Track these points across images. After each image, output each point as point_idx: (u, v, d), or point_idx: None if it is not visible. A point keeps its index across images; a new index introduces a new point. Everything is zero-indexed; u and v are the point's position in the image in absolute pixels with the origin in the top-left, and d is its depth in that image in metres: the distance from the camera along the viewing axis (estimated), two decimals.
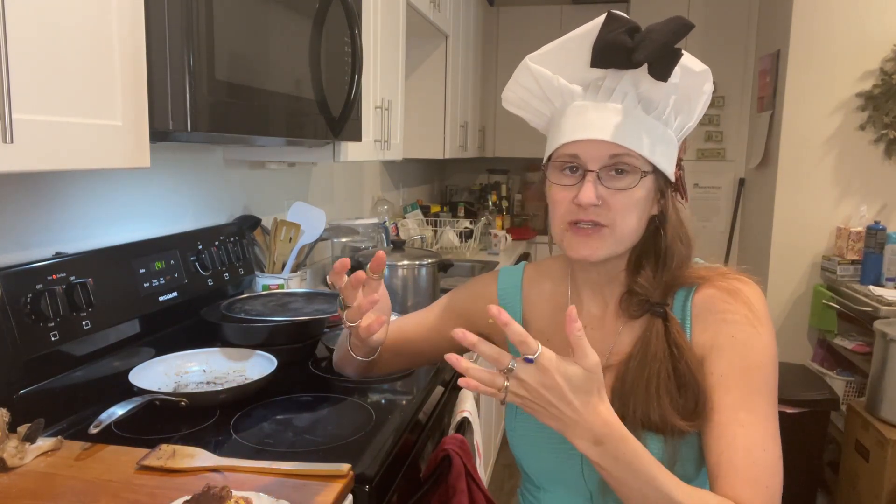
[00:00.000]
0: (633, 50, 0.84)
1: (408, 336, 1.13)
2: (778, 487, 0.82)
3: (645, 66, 0.84)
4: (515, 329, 0.73)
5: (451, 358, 0.75)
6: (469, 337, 0.75)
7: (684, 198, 0.93)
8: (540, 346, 0.73)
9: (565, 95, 0.90)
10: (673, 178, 0.90)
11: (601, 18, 0.86)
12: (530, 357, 0.73)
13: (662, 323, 0.90)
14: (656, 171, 0.88)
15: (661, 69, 0.83)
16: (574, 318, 0.73)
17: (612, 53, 0.85)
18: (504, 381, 0.75)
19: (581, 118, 0.87)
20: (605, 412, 0.75)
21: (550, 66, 0.90)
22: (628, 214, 0.87)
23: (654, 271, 0.92)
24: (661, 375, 0.87)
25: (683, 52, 0.84)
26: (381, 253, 0.93)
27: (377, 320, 0.93)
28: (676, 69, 0.83)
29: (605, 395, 0.76)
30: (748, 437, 0.82)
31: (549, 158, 0.92)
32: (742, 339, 0.86)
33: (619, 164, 0.86)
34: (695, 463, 0.90)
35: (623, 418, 0.89)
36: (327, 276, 0.97)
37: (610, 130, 0.85)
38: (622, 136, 0.85)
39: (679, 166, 0.92)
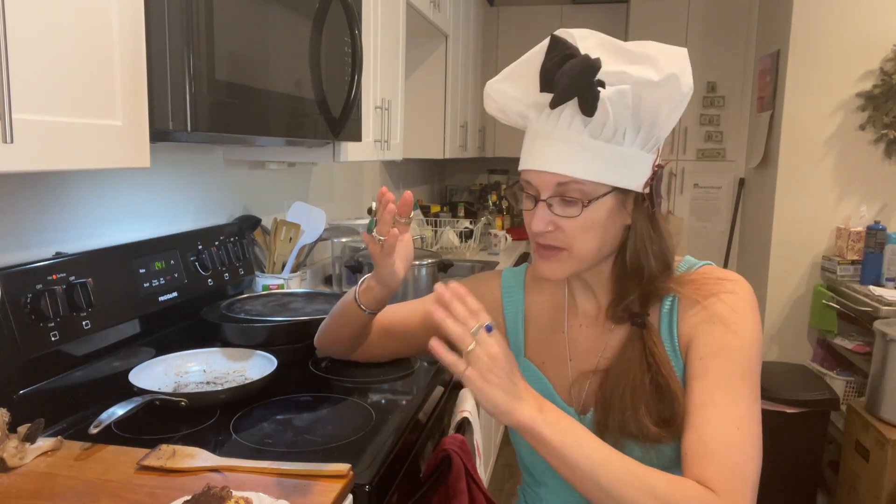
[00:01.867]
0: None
1: (403, 319, 1.17)
2: (750, 468, 0.79)
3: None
4: (472, 301, 0.82)
5: (434, 343, 0.81)
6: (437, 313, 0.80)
7: (654, 208, 0.90)
8: (490, 322, 0.81)
9: (522, 117, 0.92)
10: (641, 190, 0.88)
11: (545, 43, 0.86)
12: (489, 325, 0.80)
13: (641, 333, 0.91)
14: (619, 189, 0.87)
15: (584, 106, 0.82)
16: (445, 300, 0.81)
17: (549, 82, 0.85)
18: (471, 345, 0.79)
19: (530, 146, 0.90)
20: (535, 394, 0.83)
21: (512, 89, 0.92)
22: (585, 236, 0.88)
23: (636, 281, 0.92)
24: (638, 385, 0.88)
25: (605, 83, 0.82)
26: (408, 193, 0.98)
27: (400, 230, 1.02)
28: (625, 88, 0.81)
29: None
30: (723, 416, 0.82)
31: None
32: (723, 324, 0.87)
33: (565, 193, 0.86)
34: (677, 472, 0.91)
35: (605, 427, 0.90)
36: (372, 204, 1.03)
37: (554, 161, 0.86)
38: (565, 166, 0.85)
39: (655, 175, 0.89)
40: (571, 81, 0.82)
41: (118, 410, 1.03)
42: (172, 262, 1.45)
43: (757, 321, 0.89)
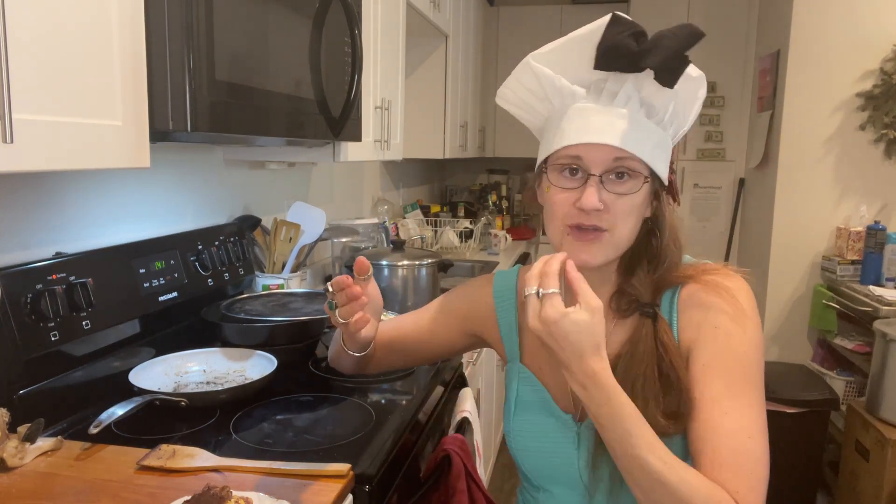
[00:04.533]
0: (641, 54, 0.83)
1: (403, 335, 1.16)
2: (762, 476, 0.81)
3: (648, 70, 0.84)
4: (553, 264, 0.81)
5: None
6: None
7: (676, 201, 0.93)
8: (556, 288, 0.79)
9: (566, 96, 0.89)
10: (666, 182, 0.90)
11: (605, 19, 0.84)
12: (548, 290, 0.79)
13: (651, 323, 0.90)
14: (653, 176, 0.88)
15: (669, 76, 0.82)
16: (572, 267, 0.80)
17: (617, 56, 0.84)
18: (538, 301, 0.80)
19: (584, 121, 0.86)
20: (594, 366, 0.79)
21: (552, 66, 0.89)
22: (628, 219, 0.88)
23: (646, 272, 0.93)
24: (647, 375, 0.88)
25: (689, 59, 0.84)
26: (361, 259, 0.96)
27: (363, 317, 0.97)
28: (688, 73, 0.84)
29: (602, 350, 0.79)
30: (732, 423, 0.82)
31: (546, 160, 0.91)
32: (725, 329, 0.87)
33: (622, 168, 0.86)
34: None
35: None
36: (327, 284, 0.99)
37: (614, 134, 0.84)
38: (626, 140, 0.84)
39: (671, 170, 0.92)
40: (679, 45, 0.82)
41: (118, 410, 1.03)
42: (172, 262, 1.45)
43: (758, 323, 0.89)
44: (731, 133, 4.02)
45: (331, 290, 0.98)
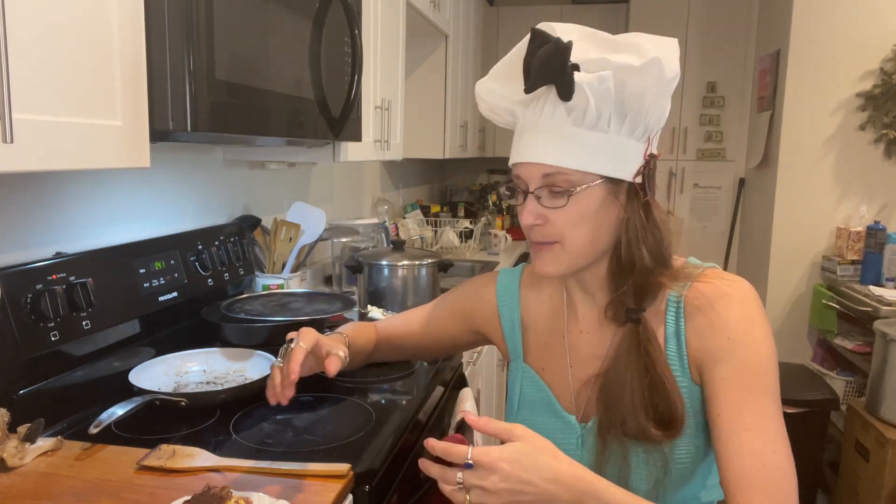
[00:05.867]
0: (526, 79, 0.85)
1: (408, 331, 1.19)
2: (792, 487, 0.80)
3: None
4: (439, 445, 0.76)
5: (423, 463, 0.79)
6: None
7: (647, 196, 0.88)
8: (469, 448, 0.75)
9: (511, 115, 0.92)
10: (631, 179, 0.87)
11: (527, 38, 0.86)
12: (468, 462, 0.75)
13: (636, 329, 0.89)
14: (608, 179, 0.86)
15: (561, 90, 0.82)
16: (471, 418, 0.79)
17: (526, 76, 0.86)
18: (465, 497, 0.75)
19: (518, 141, 0.90)
20: (567, 468, 0.75)
21: (497, 87, 0.92)
22: (576, 228, 0.87)
23: (626, 277, 0.90)
24: (637, 385, 0.87)
25: (580, 67, 0.82)
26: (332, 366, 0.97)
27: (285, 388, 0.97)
28: (605, 74, 0.81)
29: (559, 453, 0.76)
30: (756, 440, 0.81)
31: None
32: (738, 340, 0.85)
33: (552, 184, 0.86)
34: (685, 480, 0.90)
35: (607, 430, 0.89)
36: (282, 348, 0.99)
37: (538, 151, 0.86)
38: (550, 155, 0.85)
39: (647, 164, 0.87)
40: (543, 65, 0.82)
41: (118, 410, 1.03)
42: (172, 262, 1.45)
43: (769, 331, 0.87)
44: (731, 133, 4.02)
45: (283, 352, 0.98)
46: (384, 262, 1.96)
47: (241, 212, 1.89)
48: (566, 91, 0.82)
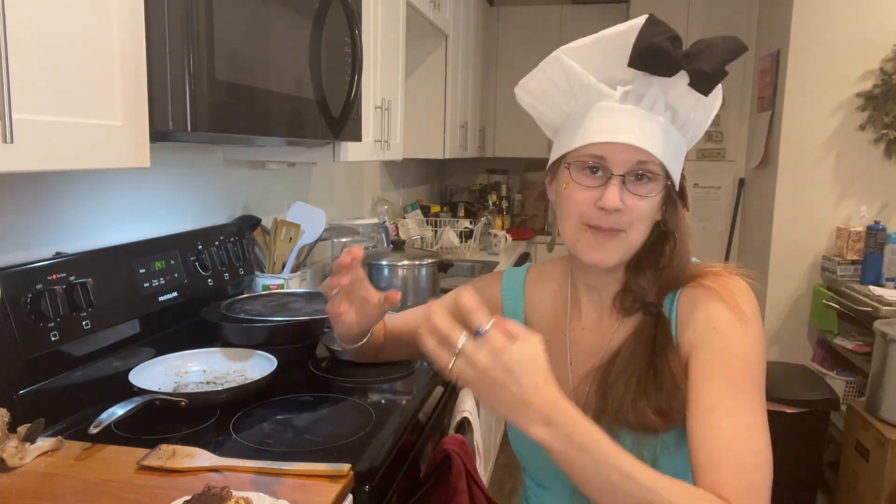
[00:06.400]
0: (687, 58, 0.84)
1: (412, 328, 1.17)
2: (764, 475, 0.78)
3: (678, 76, 0.84)
4: (466, 300, 0.72)
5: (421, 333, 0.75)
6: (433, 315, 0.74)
7: (685, 206, 0.93)
8: (491, 321, 0.72)
9: (592, 94, 0.89)
10: (677, 187, 0.91)
11: (640, 20, 0.85)
12: (481, 329, 0.72)
13: (654, 321, 0.91)
14: (669, 180, 0.88)
15: (708, 84, 0.83)
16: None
17: (653, 58, 0.84)
18: (451, 359, 0.72)
19: (609, 120, 0.86)
20: (552, 394, 0.73)
21: (581, 62, 0.89)
22: (644, 221, 0.88)
23: (654, 273, 0.92)
24: (642, 372, 0.88)
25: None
26: (355, 248, 0.96)
27: (336, 309, 1.00)
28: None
29: (551, 379, 0.74)
30: (733, 424, 0.80)
31: (564, 157, 0.91)
32: (724, 330, 0.86)
33: (644, 171, 0.86)
34: (671, 470, 0.90)
35: (601, 412, 0.89)
36: (326, 280, 1.00)
37: (640, 135, 0.84)
38: (650, 142, 0.85)
39: (682, 175, 0.92)
40: (726, 56, 0.83)
41: (118, 410, 1.03)
42: (172, 262, 1.45)
43: (759, 324, 0.88)
44: (731, 133, 4.02)
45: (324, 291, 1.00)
46: (384, 262, 1.97)
47: (241, 212, 1.89)
48: (712, 86, 0.84)
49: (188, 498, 0.81)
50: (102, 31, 0.88)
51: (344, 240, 2.21)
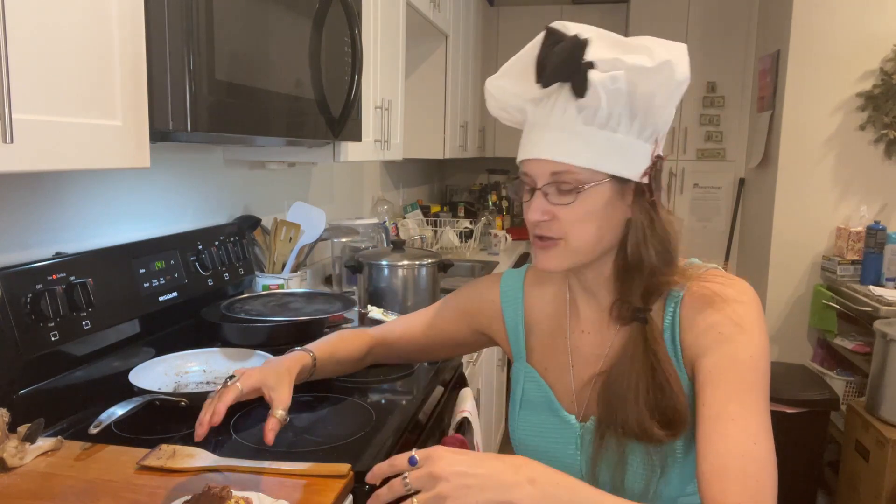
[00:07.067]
0: (539, 74, 0.86)
1: (410, 334, 1.19)
2: (769, 483, 0.78)
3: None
4: (374, 472, 0.76)
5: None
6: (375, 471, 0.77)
7: (653, 195, 0.89)
8: (413, 451, 0.74)
9: (521, 112, 0.93)
10: (638, 179, 0.87)
11: (541, 35, 0.86)
12: (413, 458, 0.73)
13: (643, 329, 0.90)
14: (615, 178, 0.86)
15: (576, 86, 0.83)
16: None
17: (541, 71, 0.86)
18: (413, 500, 0.71)
19: (527, 137, 0.90)
20: (508, 457, 0.75)
21: (508, 84, 0.92)
22: (581, 226, 0.88)
23: (641, 276, 0.91)
24: (640, 383, 0.87)
25: (594, 62, 0.82)
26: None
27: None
28: (618, 73, 0.82)
29: (493, 455, 0.75)
30: (739, 431, 0.80)
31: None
32: (729, 335, 0.85)
33: (560, 181, 0.86)
34: (679, 478, 0.90)
35: (607, 427, 0.89)
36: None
37: (548, 148, 0.86)
38: (559, 153, 0.85)
39: (654, 165, 0.88)
40: (561, 60, 0.83)
41: (118, 410, 1.03)
42: (172, 262, 1.45)
43: (764, 330, 0.87)
44: (731, 133, 4.02)
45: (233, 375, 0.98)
46: (384, 262, 1.96)
47: (241, 212, 1.89)
48: (580, 88, 0.83)
49: (188, 498, 0.81)
50: (102, 31, 0.88)
51: (344, 240, 2.21)
